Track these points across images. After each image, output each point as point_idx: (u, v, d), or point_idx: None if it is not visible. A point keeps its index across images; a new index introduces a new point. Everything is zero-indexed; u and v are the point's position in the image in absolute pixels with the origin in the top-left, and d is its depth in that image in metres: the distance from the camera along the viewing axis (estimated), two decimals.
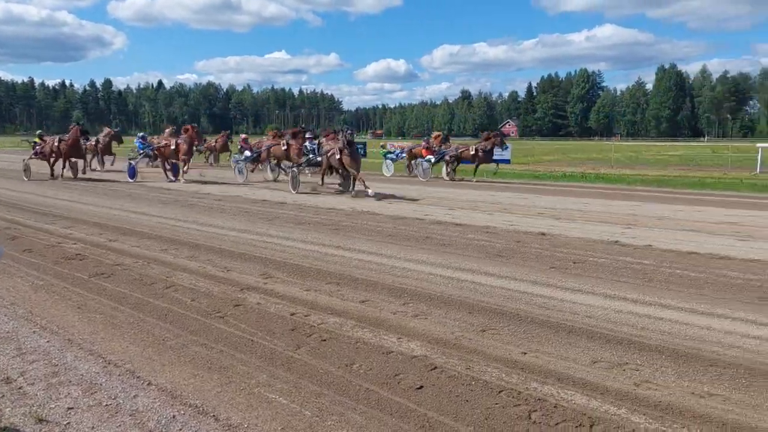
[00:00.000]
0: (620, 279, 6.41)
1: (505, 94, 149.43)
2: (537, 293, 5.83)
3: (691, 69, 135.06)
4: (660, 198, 15.02)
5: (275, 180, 20.00)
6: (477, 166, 20.73)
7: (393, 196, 14.98)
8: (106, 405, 3.48)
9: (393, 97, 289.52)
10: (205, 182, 19.20)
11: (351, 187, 15.45)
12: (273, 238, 8.96)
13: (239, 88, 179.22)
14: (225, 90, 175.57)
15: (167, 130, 24.94)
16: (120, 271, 6.83)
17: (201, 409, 3.43)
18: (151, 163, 24.45)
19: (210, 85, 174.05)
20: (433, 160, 21.57)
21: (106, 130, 26.39)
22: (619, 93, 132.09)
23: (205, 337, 4.63)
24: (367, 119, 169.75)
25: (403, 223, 10.45)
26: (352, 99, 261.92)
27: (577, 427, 3.16)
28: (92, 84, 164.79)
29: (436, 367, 3.99)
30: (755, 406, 3.40)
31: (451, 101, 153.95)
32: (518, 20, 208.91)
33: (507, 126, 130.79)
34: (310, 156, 17.12)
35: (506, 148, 20.67)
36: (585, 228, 9.91)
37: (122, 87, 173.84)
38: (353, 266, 7.03)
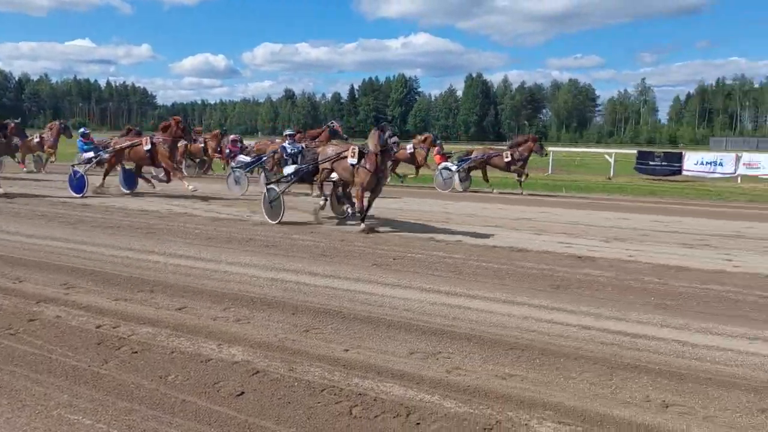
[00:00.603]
0: (435, 273, 6.82)
1: (329, 95, 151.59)
2: (359, 290, 5.98)
3: (495, 78, 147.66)
4: (470, 197, 16.28)
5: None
6: (519, 176, 17.53)
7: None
8: None
9: (213, 93, 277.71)
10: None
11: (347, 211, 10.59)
12: (76, 243, 8.14)
13: (35, 77, 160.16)
14: (17, 78, 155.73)
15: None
16: None
17: None
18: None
19: None
20: (453, 168, 18.11)
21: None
22: (433, 98, 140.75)
23: None
24: (185, 115, 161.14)
25: (224, 225, 10.11)
26: (167, 93, 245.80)
27: (394, 417, 3.30)
28: None
29: (258, 372, 3.91)
30: (547, 383, 3.81)
31: (274, 99, 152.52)
32: (339, 23, 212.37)
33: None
34: (299, 166, 10.94)
35: (546, 155, 18.06)
36: (404, 226, 10.39)
37: None
38: (169, 272, 6.63)
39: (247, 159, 16.71)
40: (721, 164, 25.38)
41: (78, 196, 13.73)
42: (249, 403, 3.46)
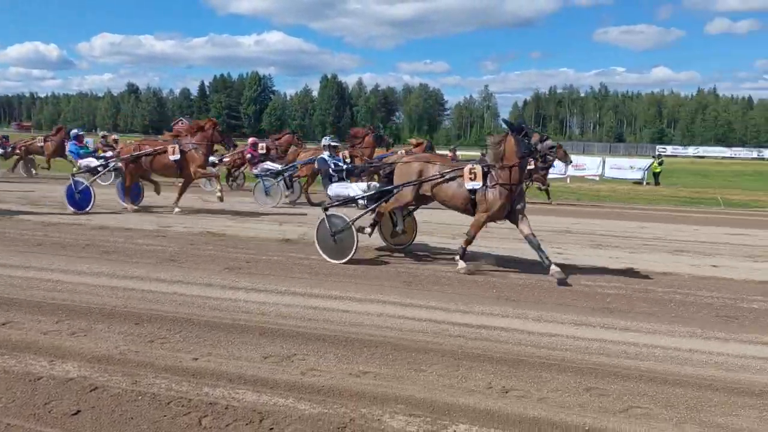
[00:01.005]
0: (291, 275, 6.76)
1: (177, 91, 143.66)
2: (211, 296, 5.76)
3: (350, 80, 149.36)
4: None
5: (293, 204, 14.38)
6: (528, 184, 16.10)
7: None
8: None
9: (44, 85, 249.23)
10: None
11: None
12: None
13: None
14: None
15: None
16: None
17: None
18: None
19: None
20: None
21: None
22: (289, 98, 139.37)
23: None
24: (10, 109, 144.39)
25: (56, 230, 9.23)
26: None
27: (247, 424, 3.21)
28: None
29: (96, 388, 3.61)
30: (399, 377, 3.93)
31: (115, 94, 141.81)
32: (187, 16, 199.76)
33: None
34: (382, 188, 7.94)
35: (570, 163, 17.43)
36: (260, 227, 10.19)
37: None
38: None
39: (276, 166, 14.70)
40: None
41: (81, 212, 11.06)
42: (86, 423, 3.19)
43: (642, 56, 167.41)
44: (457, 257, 7.27)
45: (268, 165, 14.76)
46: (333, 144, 8.73)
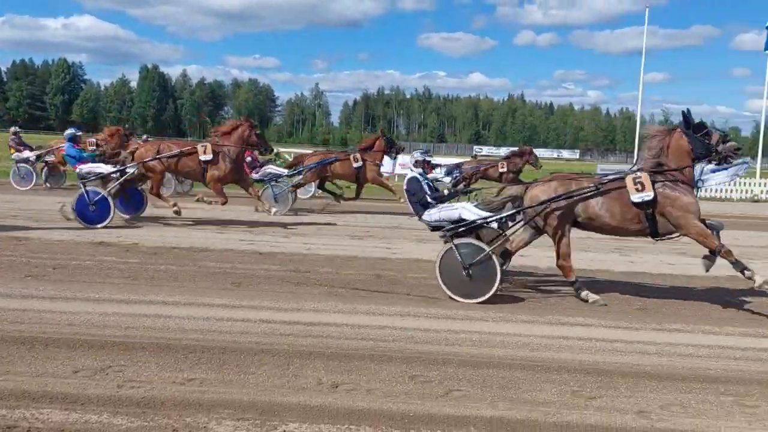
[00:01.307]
0: (106, 280, 6.24)
1: None
2: (8, 307, 5.12)
3: (173, 72, 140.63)
4: None
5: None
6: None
7: None
8: None
9: None
10: None
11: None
12: None
13: None
14: None
15: None
16: None
17: None
18: None
19: None
20: (447, 180, 15.57)
21: None
22: (104, 88, 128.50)
23: None
24: None
25: None
26: None
27: None
28: None
29: None
30: (227, 382, 3.80)
31: None
32: None
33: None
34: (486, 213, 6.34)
35: (540, 167, 16.73)
36: (68, 231, 9.27)
37: None
38: None
39: (282, 171, 13.41)
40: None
41: (93, 227, 9.49)
42: None
43: (460, 62, 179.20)
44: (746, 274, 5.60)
45: (272, 169, 13.49)
46: (428, 159, 7.04)
